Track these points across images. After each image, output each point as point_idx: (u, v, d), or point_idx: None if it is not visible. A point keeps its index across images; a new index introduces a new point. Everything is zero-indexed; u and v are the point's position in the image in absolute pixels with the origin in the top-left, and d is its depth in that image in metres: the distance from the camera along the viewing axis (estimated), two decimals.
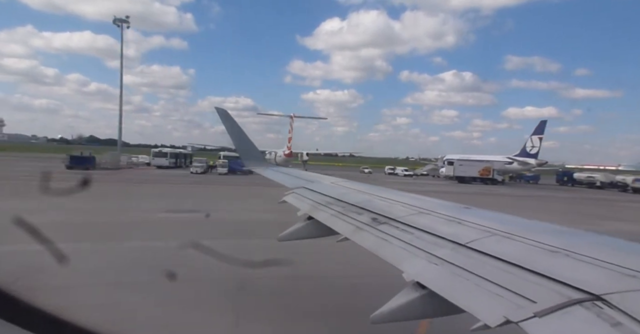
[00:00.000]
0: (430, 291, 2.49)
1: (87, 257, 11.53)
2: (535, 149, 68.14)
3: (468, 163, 67.08)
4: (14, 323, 1.28)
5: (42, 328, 1.35)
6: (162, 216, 20.67)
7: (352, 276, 11.40)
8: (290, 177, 8.72)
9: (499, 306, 2.03)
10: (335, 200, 5.42)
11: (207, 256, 10.60)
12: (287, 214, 6.52)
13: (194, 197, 30.02)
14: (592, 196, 52.47)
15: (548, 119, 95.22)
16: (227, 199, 30.32)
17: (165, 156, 65.27)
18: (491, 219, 3.51)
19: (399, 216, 3.97)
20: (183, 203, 25.80)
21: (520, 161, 67.57)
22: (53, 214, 16.31)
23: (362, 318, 2.93)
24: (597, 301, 1.81)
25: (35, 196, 14.12)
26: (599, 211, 33.72)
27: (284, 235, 5.41)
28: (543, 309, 1.85)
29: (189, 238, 14.95)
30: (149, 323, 7.93)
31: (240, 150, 11.66)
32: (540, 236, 2.80)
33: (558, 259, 2.40)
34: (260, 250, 12.98)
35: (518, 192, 53.31)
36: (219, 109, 11.48)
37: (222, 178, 50.69)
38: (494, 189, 54.31)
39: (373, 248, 3.44)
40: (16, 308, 1.36)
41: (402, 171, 77.45)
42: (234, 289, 9.89)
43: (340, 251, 6.90)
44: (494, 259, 2.55)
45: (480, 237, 2.98)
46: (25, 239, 1.98)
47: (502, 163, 67.15)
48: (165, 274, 9.82)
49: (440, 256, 2.83)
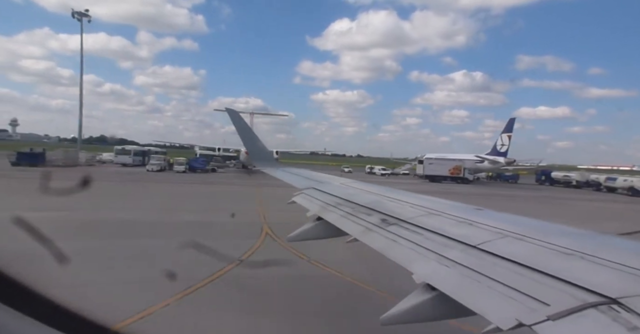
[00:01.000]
0: (440, 293, 2.47)
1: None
2: (504, 148, 67.17)
3: (438, 162, 66.42)
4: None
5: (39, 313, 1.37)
6: (15, 213, 18.71)
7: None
8: (300, 178, 8.74)
9: (511, 309, 2.00)
10: (345, 201, 5.40)
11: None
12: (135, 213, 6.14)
13: (98, 195, 23.00)
14: (554, 195, 49.84)
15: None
16: (129, 197, 27.96)
17: (128, 153, 63.43)
18: (503, 221, 3.47)
19: (409, 217, 3.94)
20: (66, 201, 19.07)
21: (490, 160, 66.57)
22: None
23: (372, 320, 2.91)
24: (613, 305, 1.77)
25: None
26: (531, 208, 32.75)
27: (293, 236, 5.41)
28: (557, 312, 1.82)
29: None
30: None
31: (250, 150, 11.73)
32: (554, 238, 2.75)
33: (572, 261, 2.36)
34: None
35: (478, 190, 50.48)
36: (229, 110, 11.57)
37: (173, 176, 48.86)
38: (455, 188, 52.49)
39: (382, 249, 3.42)
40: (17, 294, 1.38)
41: (379, 170, 76.93)
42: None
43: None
44: (506, 261, 2.51)
45: (491, 239, 2.94)
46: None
47: (472, 162, 66.39)
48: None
49: (450, 257, 2.80)
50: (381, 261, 3.46)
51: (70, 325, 1.43)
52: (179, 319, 8.24)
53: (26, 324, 1.31)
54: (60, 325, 1.38)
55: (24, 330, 1.31)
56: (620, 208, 39.48)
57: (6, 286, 1.39)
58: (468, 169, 64.13)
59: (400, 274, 3.11)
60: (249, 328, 8.16)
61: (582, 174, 64.70)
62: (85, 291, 8.22)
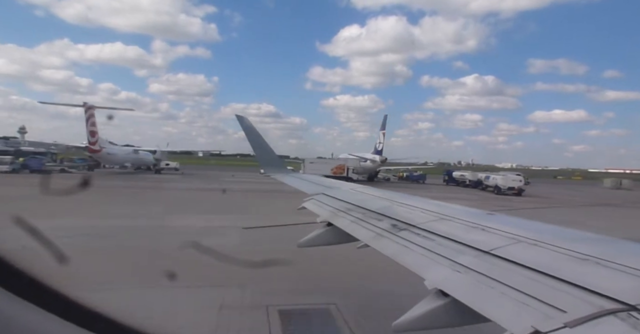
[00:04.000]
0: (453, 299, 2.43)
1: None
2: (381, 145, 65.98)
3: (320, 161, 64.82)
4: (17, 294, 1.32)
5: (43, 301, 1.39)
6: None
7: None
8: (309, 183, 8.75)
9: (526, 316, 1.96)
10: (355, 206, 5.39)
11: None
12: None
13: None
14: (417, 193, 43.78)
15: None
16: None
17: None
18: (517, 226, 3.42)
19: (420, 223, 3.91)
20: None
21: (371, 159, 64.92)
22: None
23: (384, 326, 2.88)
24: (632, 311, 1.72)
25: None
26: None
27: (304, 241, 5.40)
28: (574, 319, 1.78)
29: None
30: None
31: (259, 156, 11.78)
32: (570, 244, 2.70)
33: (589, 267, 2.31)
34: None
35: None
36: (239, 117, 11.67)
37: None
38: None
39: (394, 255, 3.40)
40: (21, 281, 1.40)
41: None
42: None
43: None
44: (520, 267, 2.47)
45: (505, 245, 2.90)
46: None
47: (357, 161, 64.33)
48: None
49: (463, 263, 2.77)
50: (392, 266, 3.41)
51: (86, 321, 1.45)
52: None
53: (48, 319, 1.34)
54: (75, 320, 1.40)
55: (43, 324, 1.33)
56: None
57: (37, 286, 1.41)
58: (352, 169, 61.59)
59: (412, 280, 3.06)
60: None
61: (473, 173, 63.70)
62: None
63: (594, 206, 41.09)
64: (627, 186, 77.65)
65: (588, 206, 40.12)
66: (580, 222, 24.81)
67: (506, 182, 50.96)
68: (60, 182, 3.26)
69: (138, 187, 40.53)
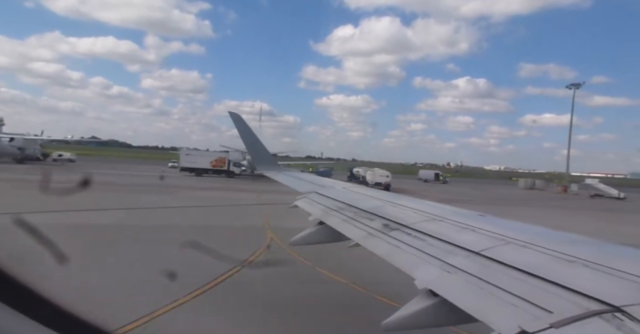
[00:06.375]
0: (442, 299, 2.45)
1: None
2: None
3: (198, 153, 61.49)
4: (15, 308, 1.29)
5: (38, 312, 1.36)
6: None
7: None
8: (302, 181, 8.74)
9: (514, 316, 1.99)
10: (347, 205, 5.40)
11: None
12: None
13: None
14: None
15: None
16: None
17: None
18: (507, 227, 3.45)
19: (411, 223, 3.94)
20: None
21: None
22: None
23: (374, 326, 2.90)
24: (617, 313, 1.75)
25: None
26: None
27: (296, 240, 5.41)
28: (560, 320, 1.80)
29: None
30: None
31: (252, 154, 11.73)
32: (558, 245, 2.74)
33: (576, 268, 2.34)
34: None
35: (229, 185, 43.87)
36: (232, 114, 11.60)
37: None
38: (203, 183, 45.22)
39: (385, 254, 3.41)
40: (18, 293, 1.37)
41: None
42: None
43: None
44: (509, 268, 2.50)
45: (494, 246, 2.93)
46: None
47: (240, 154, 60.93)
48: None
49: (453, 263, 2.79)
50: (383, 266, 3.43)
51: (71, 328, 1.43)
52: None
53: (30, 327, 1.31)
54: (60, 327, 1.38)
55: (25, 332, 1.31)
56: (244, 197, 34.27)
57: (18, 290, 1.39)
58: (234, 162, 59.09)
59: (402, 280, 3.08)
60: None
61: (364, 169, 65.35)
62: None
63: (462, 202, 38.18)
64: (539, 186, 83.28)
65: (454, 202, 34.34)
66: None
67: (374, 178, 56.21)
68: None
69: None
